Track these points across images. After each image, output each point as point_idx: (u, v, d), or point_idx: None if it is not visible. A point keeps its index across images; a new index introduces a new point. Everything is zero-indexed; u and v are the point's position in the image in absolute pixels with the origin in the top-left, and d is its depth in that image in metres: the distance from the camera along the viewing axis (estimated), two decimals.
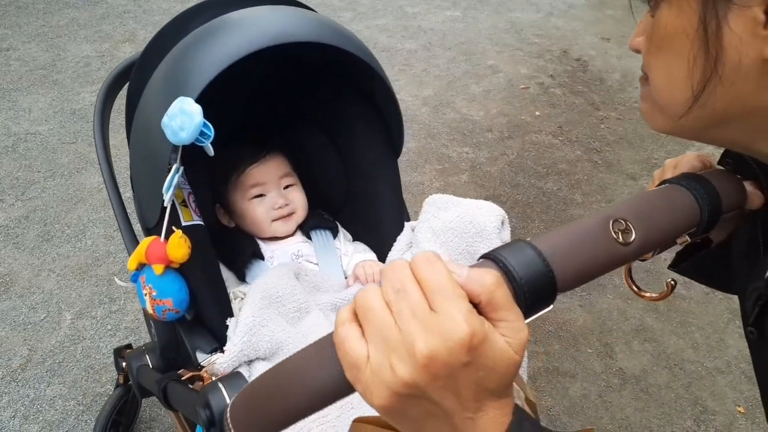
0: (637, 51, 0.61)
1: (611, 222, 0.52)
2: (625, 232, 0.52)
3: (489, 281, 0.40)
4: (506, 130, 3.20)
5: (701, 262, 0.73)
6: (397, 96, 3.36)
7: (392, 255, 1.16)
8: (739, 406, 1.93)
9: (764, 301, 0.57)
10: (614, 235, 0.51)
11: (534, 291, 0.45)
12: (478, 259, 0.48)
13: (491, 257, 0.46)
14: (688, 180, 0.60)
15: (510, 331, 0.40)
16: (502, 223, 1.12)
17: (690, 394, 1.96)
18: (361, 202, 1.26)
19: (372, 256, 1.21)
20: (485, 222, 1.09)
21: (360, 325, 0.40)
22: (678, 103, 0.57)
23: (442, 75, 3.56)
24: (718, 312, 2.28)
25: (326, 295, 1.08)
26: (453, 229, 1.09)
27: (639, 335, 2.16)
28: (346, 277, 1.18)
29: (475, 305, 0.40)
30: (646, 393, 1.95)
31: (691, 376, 2.02)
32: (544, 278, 0.46)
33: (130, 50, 3.37)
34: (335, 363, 0.41)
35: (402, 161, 2.86)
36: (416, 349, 0.37)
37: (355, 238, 1.28)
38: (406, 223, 1.20)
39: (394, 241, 1.17)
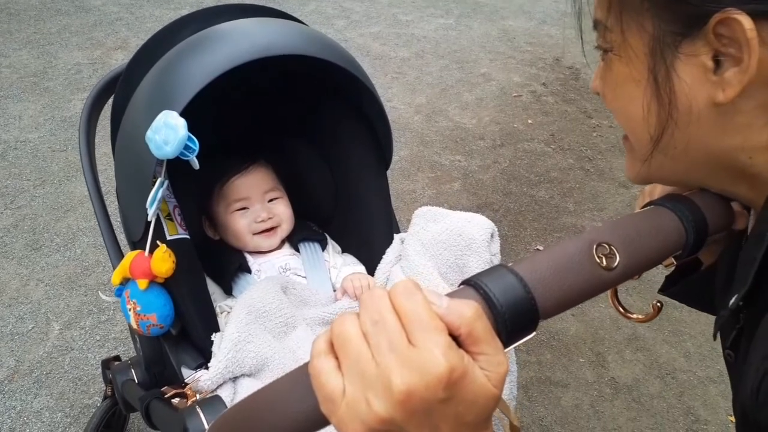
0: (598, 94, 0.63)
1: (595, 246, 0.51)
2: (609, 256, 0.51)
3: (469, 313, 0.39)
4: (498, 138, 3.20)
5: (691, 286, 0.72)
6: (390, 104, 3.34)
7: (381, 267, 1.15)
8: (731, 415, 1.92)
9: (741, 325, 0.57)
10: (598, 260, 0.50)
11: (515, 319, 0.44)
12: (460, 285, 0.47)
13: (472, 284, 0.45)
14: (673, 201, 0.59)
15: (489, 365, 0.39)
16: (492, 235, 1.12)
17: (682, 403, 1.95)
18: (350, 213, 1.25)
19: (361, 268, 1.20)
20: (474, 235, 1.08)
21: (336, 357, 0.39)
22: (642, 145, 0.59)
23: (434, 83, 3.56)
24: (710, 321, 2.25)
25: (314, 309, 1.07)
26: (442, 242, 1.08)
27: (631, 344, 2.15)
28: (334, 290, 1.17)
29: (455, 337, 0.39)
30: (638, 402, 1.94)
31: (683, 385, 2.01)
32: (525, 306, 0.45)
33: (121, 57, 3.36)
34: (311, 395, 0.40)
35: (394, 169, 2.86)
36: (393, 385, 0.36)
37: (345, 250, 1.27)
38: (395, 235, 1.19)
39: (384, 253, 1.16)
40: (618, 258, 0.51)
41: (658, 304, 0.68)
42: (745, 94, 0.49)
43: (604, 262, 0.50)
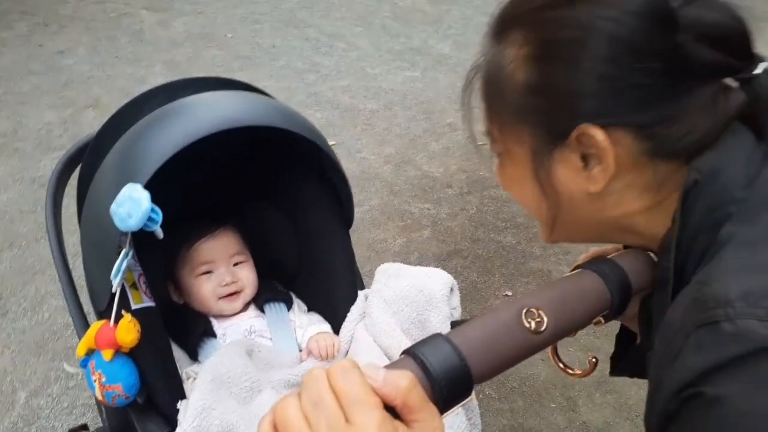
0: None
1: (524, 312, 0.55)
2: (538, 320, 0.55)
3: (403, 385, 0.43)
4: (466, 186, 3.27)
5: (636, 358, 0.74)
6: (360, 154, 3.40)
7: (346, 326, 1.18)
8: None
9: None
10: (527, 325, 0.54)
11: (450, 385, 0.48)
12: (401, 354, 0.51)
13: (411, 354, 0.49)
14: (597, 264, 0.64)
15: (424, 431, 0.43)
16: (451, 290, 1.15)
17: None
18: (314, 272, 1.28)
19: (327, 327, 1.23)
20: (434, 290, 1.12)
21: None
22: (543, 224, 0.71)
23: (402, 133, 3.64)
24: None
25: (280, 371, 1.09)
26: (404, 298, 1.11)
27: (600, 387, 2.18)
28: (300, 350, 1.19)
29: (392, 408, 0.43)
30: None
31: None
32: (460, 372, 0.49)
33: (93, 116, 3.39)
34: None
35: (365, 219, 2.91)
36: None
37: (310, 308, 1.29)
38: (360, 292, 1.22)
39: (348, 311, 1.19)
40: (546, 322, 0.55)
41: (594, 359, 0.72)
42: (612, 180, 0.61)
43: (533, 326, 0.54)
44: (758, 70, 0.60)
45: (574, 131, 0.60)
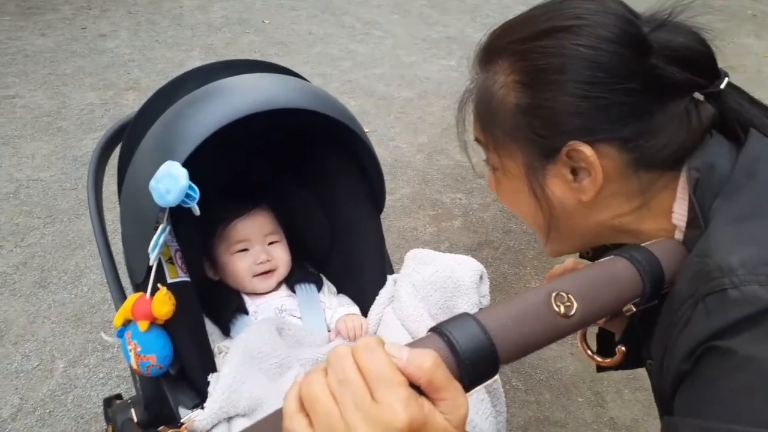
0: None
1: (553, 295, 0.55)
2: (567, 305, 0.55)
3: (427, 364, 0.43)
4: None
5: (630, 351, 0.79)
6: (393, 143, 3.41)
7: (374, 309, 1.19)
8: None
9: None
10: (556, 309, 0.54)
11: (476, 363, 0.48)
12: (428, 332, 0.51)
13: (438, 331, 0.50)
14: (630, 251, 0.64)
15: (449, 409, 0.43)
16: (481, 277, 1.15)
17: None
18: (345, 256, 1.29)
19: (355, 309, 1.24)
20: (463, 277, 1.12)
21: (307, 415, 0.43)
22: (539, 234, 0.78)
23: (436, 122, 3.63)
24: None
25: (309, 350, 1.11)
26: (432, 284, 1.12)
27: (630, 384, 2.16)
28: (329, 331, 1.21)
29: (417, 386, 0.43)
30: None
31: None
32: (486, 351, 0.49)
33: (133, 98, 3.46)
34: None
35: (396, 206, 2.91)
36: None
37: (339, 291, 1.31)
38: (389, 277, 1.23)
39: (377, 294, 1.20)
40: (575, 306, 0.55)
41: (623, 348, 0.72)
42: (600, 190, 0.69)
43: (562, 310, 0.55)
44: (723, 85, 0.69)
45: (564, 148, 0.67)
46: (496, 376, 0.51)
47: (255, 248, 1.23)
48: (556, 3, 0.72)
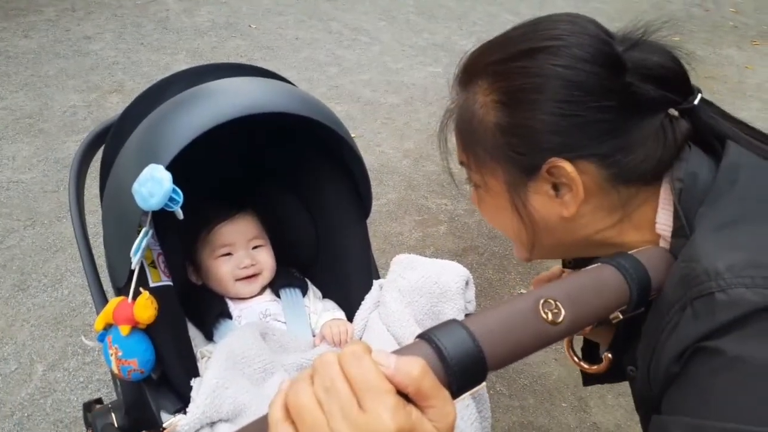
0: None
1: (541, 302, 0.55)
2: (555, 311, 0.55)
3: (415, 372, 0.43)
4: None
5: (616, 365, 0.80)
6: (379, 148, 3.40)
7: (360, 314, 1.19)
8: None
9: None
10: (544, 315, 0.55)
11: (464, 371, 0.48)
12: (416, 338, 0.51)
13: (426, 338, 0.49)
14: (617, 259, 0.64)
15: (438, 416, 0.43)
16: (467, 283, 1.16)
17: None
18: (330, 260, 1.29)
19: (341, 314, 1.24)
20: (449, 282, 1.12)
21: (293, 422, 0.42)
22: (522, 248, 0.80)
23: (423, 128, 3.64)
24: None
25: (293, 355, 1.10)
26: (418, 289, 1.12)
27: (613, 389, 2.17)
28: (314, 336, 1.20)
29: (405, 394, 0.43)
30: None
31: None
32: (474, 358, 0.49)
33: (117, 100, 3.43)
34: None
35: (382, 212, 2.91)
36: None
37: (325, 295, 1.31)
38: (374, 282, 1.23)
39: (362, 299, 1.20)
40: (563, 313, 0.55)
41: (609, 355, 0.72)
42: (582, 205, 0.70)
43: (550, 317, 0.55)
44: (696, 101, 0.71)
45: (545, 164, 0.69)
46: (485, 393, 0.51)
47: (239, 253, 1.22)
48: (533, 24, 0.74)
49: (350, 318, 1.22)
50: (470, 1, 5.75)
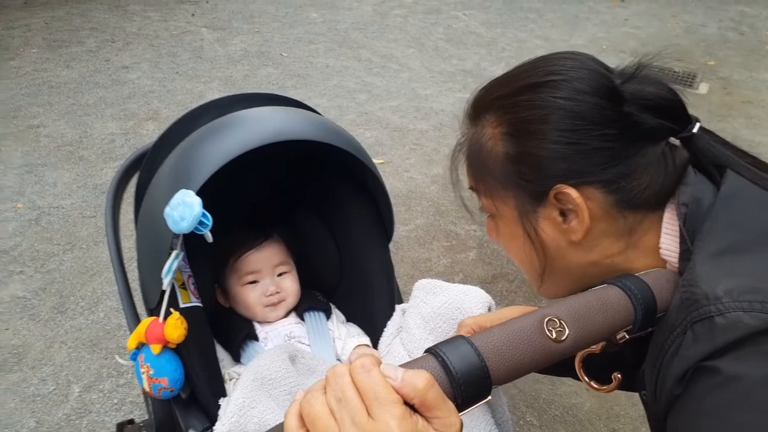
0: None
1: (546, 320, 0.57)
2: (559, 330, 0.57)
3: (421, 385, 0.45)
4: None
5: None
6: (407, 174, 3.43)
7: (383, 340, 1.20)
8: None
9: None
10: (548, 333, 0.56)
11: (469, 384, 0.50)
12: (424, 352, 0.53)
13: (432, 352, 0.51)
14: (622, 280, 0.65)
15: (442, 426, 0.45)
16: (489, 308, 1.16)
17: None
18: (354, 284, 1.31)
19: (366, 339, 1.25)
20: (472, 308, 1.13)
21: (307, 430, 0.46)
22: (534, 276, 0.82)
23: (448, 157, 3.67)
24: None
25: (320, 378, 1.11)
26: (441, 315, 1.13)
27: (647, 422, 2.12)
28: (338, 360, 1.22)
29: (411, 405, 0.45)
30: None
31: None
32: (479, 372, 0.51)
33: (152, 128, 3.54)
34: None
35: (410, 238, 2.93)
36: None
37: (348, 319, 1.33)
38: (397, 307, 1.24)
39: (384, 324, 1.21)
40: (567, 332, 0.57)
41: (618, 375, 0.73)
42: (589, 230, 0.73)
43: (554, 335, 0.56)
44: (695, 129, 0.74)
45: (552, 191, 0.73)
46: (504, 406, 0.53)
47: (265, 280, 1.26)
48: (535, 61, 0.78)
49: (374, 341, 1.24)
50: (500, 28, 5.80)
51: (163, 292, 0.99)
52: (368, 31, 5.46)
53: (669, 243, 0.73)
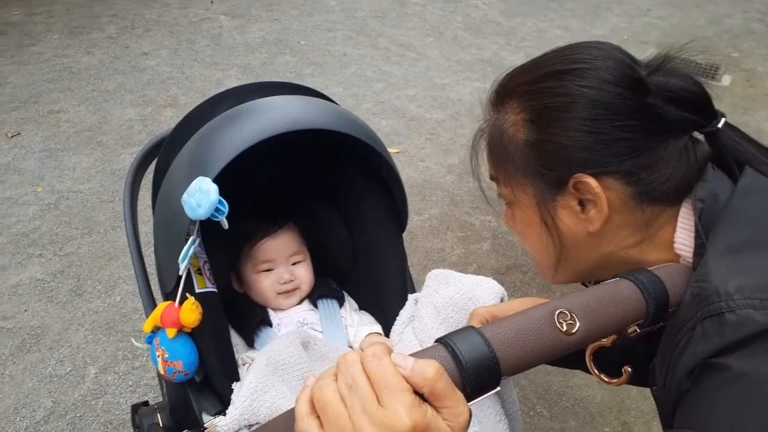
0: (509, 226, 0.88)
1: (557, 313, 0.57)
2: (570, 322, 0.57)
3: (430, 374, 0.46)
4: None
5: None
6: (423, 163, 3.42)
7: (395, 329, 1.21)
8: None
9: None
10: (559, 326, 0.56)
11: (478, 374, 0.50)
12: (434, 342, 0.53)
13: (443, 341, 0.52)
14: (635, 274, 0.65)
15: (451, 416, 0.46)
16: (501, 299, 1.16)
17: None
18: (367, 273, 1.32)
19: (378, 328, 1.26)
20: (484, 298, 1.13)
21: (318, 416, 0.46)
22: (549, 266, 0.82)
23: (467, 144, 3.64)
24: None
25: (332, 365, 1.13)
26: (453, 305, 1.13)
27: (659, 419, 2.11)
28: (350, 347, 1.23)
29: (421, 394, 0.46)
30: None
31: None
32: (488, 363, 0.51)
33: (170, 114, 3.57)
34: None
35: (424, 227, 2.93)
36: None
37: (361, 307, 1.34)
38: (409, 296, 1.25)
39: (396, 312, 1.22)
40: (578, 324, 0.57)
41: (628, 368, 0.73)
42: (607, 221, 0.73)
43: (564, 328, 0.56)
44: (720, 124, 0.74)
45: (571, 180, 0.72)
46: (514, 396, 0.53)
47: (279, 268, 1.27)
48: (561, 50, 0.78)
49: (386, 329, 1.25)
50: (520, 17, 5.74)
51: (180, 277, 1.00)
52: (386, 20, 5.43)
53: (684, 237, 0.72)
